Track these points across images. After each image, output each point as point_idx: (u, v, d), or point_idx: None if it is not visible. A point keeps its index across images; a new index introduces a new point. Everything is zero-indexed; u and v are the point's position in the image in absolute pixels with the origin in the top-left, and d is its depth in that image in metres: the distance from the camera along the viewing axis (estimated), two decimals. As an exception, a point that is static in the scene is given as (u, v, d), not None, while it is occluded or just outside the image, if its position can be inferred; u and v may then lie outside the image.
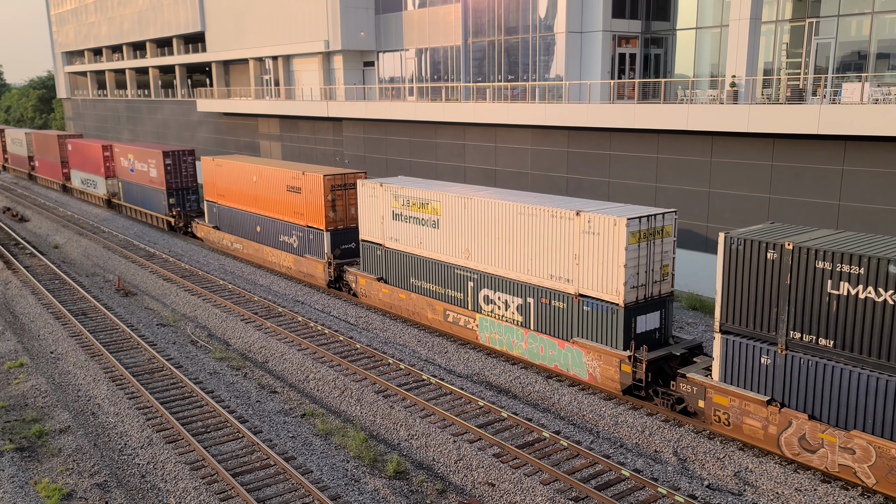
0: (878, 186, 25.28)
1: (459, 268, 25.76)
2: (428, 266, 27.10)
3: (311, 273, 34.01)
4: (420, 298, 27.74)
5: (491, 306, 24.85)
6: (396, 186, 27.92)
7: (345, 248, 33.04)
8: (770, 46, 32.89)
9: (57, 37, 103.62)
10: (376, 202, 29.03)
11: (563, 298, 22.29)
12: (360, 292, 31.05)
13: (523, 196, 24.70)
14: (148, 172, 48.12)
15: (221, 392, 23.62)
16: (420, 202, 26.80)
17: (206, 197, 42.17)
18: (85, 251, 44.39)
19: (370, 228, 29.69)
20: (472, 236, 25.07)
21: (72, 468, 18.98)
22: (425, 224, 26.76)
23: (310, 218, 33.24)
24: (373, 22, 51.23)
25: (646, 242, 20.73)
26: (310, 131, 55.96)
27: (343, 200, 32.59)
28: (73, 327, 29.68)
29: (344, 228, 32.95)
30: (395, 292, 28.93)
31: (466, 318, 25.91)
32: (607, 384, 21.49)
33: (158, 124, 79.78)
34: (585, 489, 16.72)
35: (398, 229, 28.15)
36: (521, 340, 24.01)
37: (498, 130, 39.29)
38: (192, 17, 68.69)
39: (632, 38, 38.48)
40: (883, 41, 29.15)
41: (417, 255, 27.43)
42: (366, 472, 18.50)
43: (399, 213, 27.89)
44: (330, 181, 32.09)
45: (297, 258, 34.75)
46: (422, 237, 27.03)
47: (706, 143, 29.94)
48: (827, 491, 16.63)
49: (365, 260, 30.46)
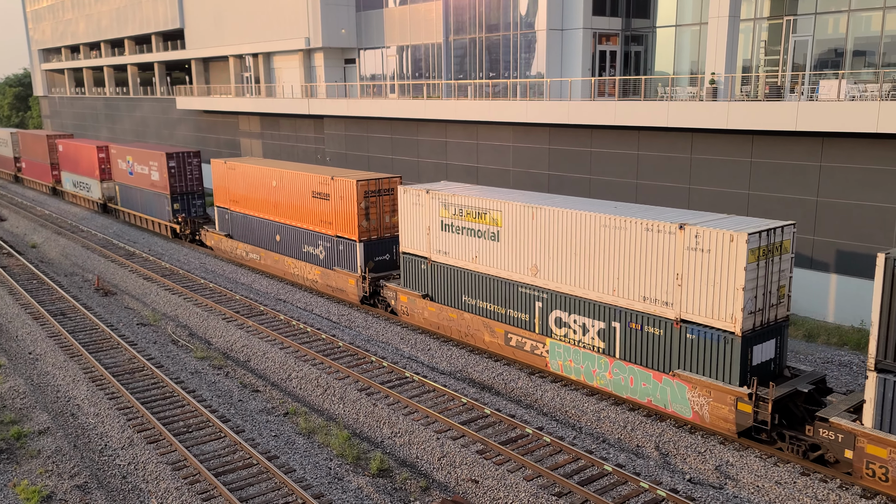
0: (855, 182, 25.59)
1: (525, 286, 22.94)
2: (485, 283, 24.24)
3: (340, 287, 31.06)
4: (475, 319, 24.83)
5: (564, 330, 21.98)
6: (447, 194, 25.04)
7: (379, 261, 30.01)
8: (749, 44, 33.17)
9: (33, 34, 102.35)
10: (421, 211, 26.18)
11: (660, 324, 19.42)
12: (400, 310, 28.08)
13: (603, 206, 21.99)
14: (149, 175, 45.30)
15: (203, 391, 23.49)
16: (476, 212, 23.92)
17: (216, 203, 39.43)
18: (63, 250, 43.93)
19: (413, 240, 26.85)
20: (541, 251, 22.21)
21: (51, 470, 18.80)
22: (482, 236, 23.92)
23: (340, 227, 30.40)
24: (354, 19, 51.07)
25: (765, 261, 18.01)
26: (291, 129, 55.71)
27: (377, 208, 29.72)
28: (51, 327, 29.38)
29: (378, 239, 30.01)
30: (443, 311, 26.06)
31: (534, 342, 22.99)
32: (718, 425, 18.52)
33: (137, 122, 79.06)
34: (568, 484, 16.81)
35: (448, 241, 25.33)
36: (605, 370, 21.01)
37: (480, 128, 39.32)
38: (171, 13, 68.10)
39: (612, 36, 38.64)
40: (859, 39, 29.50)
41: (472, 271, 24.59)
42: (349, 471, 18.48)
43: (449, 223, 25.07)
44: (363, 187, 29.24)
45: (324, 271, 31.86)
46: (477, 251, 24.25)
47: (686, 139, 30.16)
48: (806, 483, 16.83)
49: (406, 274, 27.55)
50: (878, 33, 28.79)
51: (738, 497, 16.80)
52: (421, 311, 27.04)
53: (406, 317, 27.93)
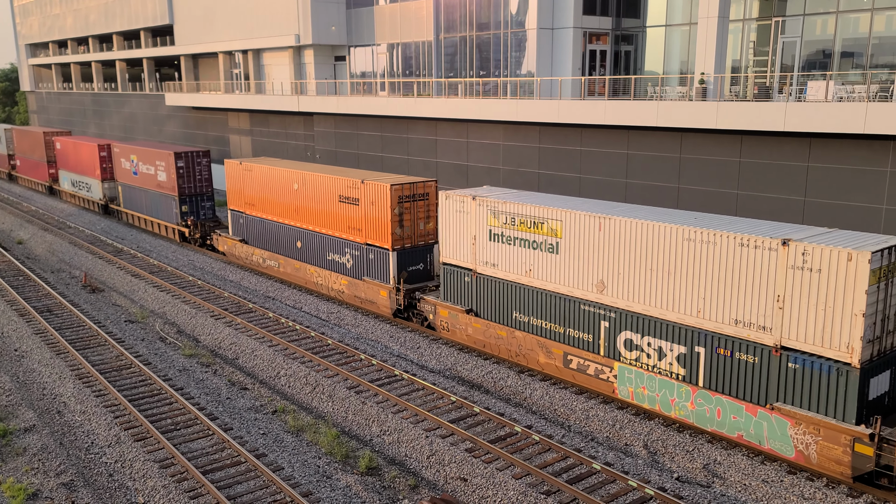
0: (842, 183, 25.75)
1: (589, 303, 20.99)
2: (540, 299, 22.34)
3: (371, 299, 29.04)
4: (528, 338, 22.93)
5: (636, 353, 20.03)
6: (496, 201, 23.12)
7: (412, 271, 28.14)
8: (738, 44, 33.31)
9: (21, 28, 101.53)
10: (466, 219, 24.31)
11: (755, 351, 17.53)
12: (439, 325, 26.14)
13: (682, 216, 19.99)
14: (155, 176, 43.12)
15: (191, 389, 23.39)
16: (532, 221, 22.04)
17: (230, 206, 37.33)
18: (50, 247, 43.62)
19: (455, 250, 24.94)
20: (609, 265, 20.28)
21: (37, 468, 18.67)
22: (538, 248, 22.04)
23: (370, 234, 28.48)
24: (344, 16, 50.92)
25: (885, 282, 16.05)
26: (280, 126, 55.52)
27: (411, 214, 27.78)
28: (37, 324, 29.16)
29: (412, 247, 28.09)
30: (490, 328, 24.12)
31: (599, 365, 21.02)
32: (828, 467, 16.61)
33: (126, 118, 78.60)
34: (557, 483, 16.84)
35: (497, 252, 23.40)
36: (685, 400, 19.03)
37: (470, 126, 39.32)
38: (160, 9, 67.71)
39: (602, 35, 38.71)
40: (847, 40, 29.68)
41: (525, 286, 22.71)
42: (338, 469, 18.45)
43: (499, 232, 23.18)
44: (397, 191, 27.32)
45: (351, 281, 29.85)
46: (532, 263, 22.34)
47: (675, 139, 30.26)
48: (793, 482, 16.93)
49: (447, 287, 25.67)
50: (865, 35, 28.98)
51: (725, 495, 16.88)
52: (464, 327, 25.05)
53: (446, 333, 26.00)
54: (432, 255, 28.64)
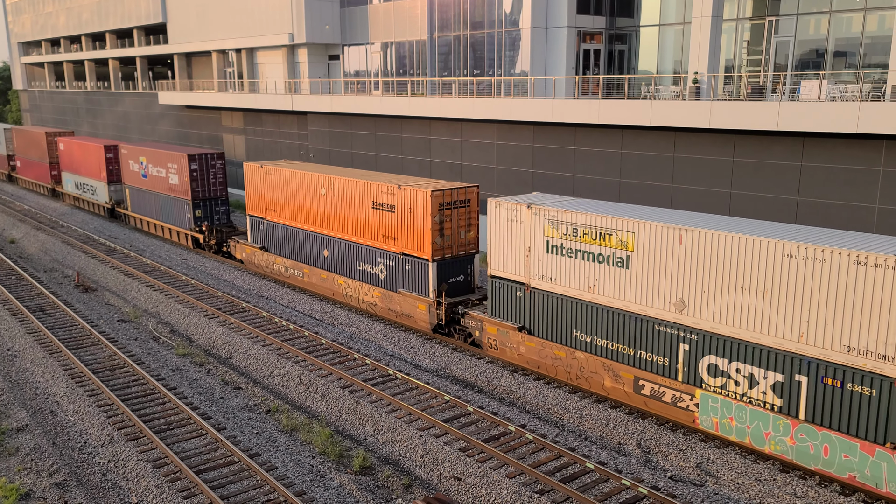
0: (835, 182, 25.84)
1: (665, 323, 19.21)
2: (607, 317, 20.59)
3: (407, 313, 27.21)
4: (591, 359, 21.13)
5: (721, 380, 18.30)
6: (556, 210, 21.34)
7: (452, 283, 26.38)
8: (731, 44, 33.38)
9: (13, 27, 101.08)
10: (519, 229, 22.54)
11: (873, 382, 15.79)
12: (486, 343, 24.40)
13: (776, 229, 18.26)
14: (167, 179, 41.17)
15: (184, 388, 23.34)
16: (598, 232, 20.29)
17: (249, 211, 35.36)
18: (43, 246, 43.46)
19: (506, 262, 23.18)
20: (690, 282, 18.53)
21: (30, 467, 18.60)
22: (604, 261, 20.30)
23: (407, 243, 26.78)
24: (338, 15, 50.85)
25: None
26: (274, 125, 55.42)
27: (452, 222, 26.10)
28: (30, 324, 29.05)
29: (452, 257, 26.33)
30: (546, 348, 22.33)
31: (676, 392, 19.19)
32: None
33: (119, 117, 78.34)
34: (551, 482, 16.86)
35: (555, 265, 21.62)
36: (784, 434, 17.30)
37: (464, 125, 39.31)
38: (153, 8, 67.49)
39: (596, 34, 38.74)
40: (840, 40, 29.76)
41: (588, 302, 20.95)
42: (332, 468, 18.43)
43: (558, 244, 21.39)
44: (438, 198, 25.65)
45: (385, 293, 28.04)
46: (596, 278, 20.61)
47: (669, 138, 30.32)
48: (786, 480, 16.99)
49: (496, 302, 23.90)
50: (858, 34, 29.07)
51: (718, 494, 16.92)
52: (515, 345, 23.32)
53: (494, 351, 24.25)
54: (473, 265, 27.10)
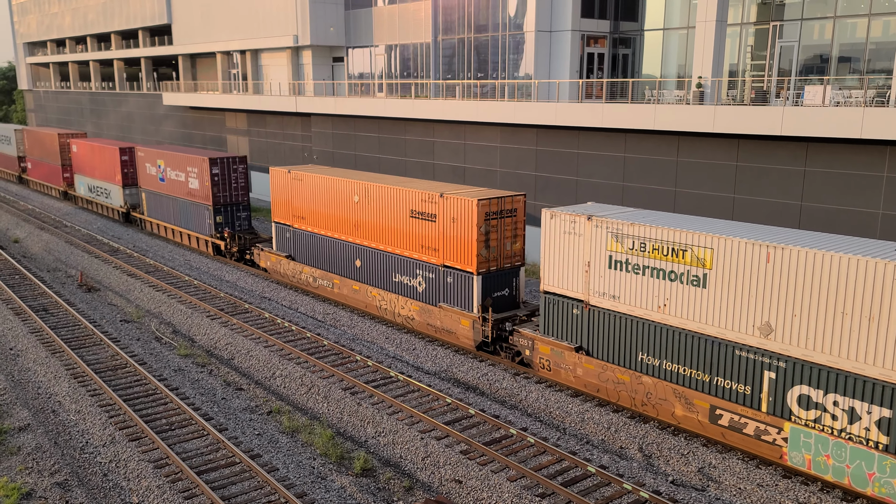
0: (838, 188, 25.81)
1: (747, 349, 17.74)
2: (678, 340, 19.12)
3: (448, 329, 25.78)
4: (660, 385, 19.64)
5: (815, 413, 16.83)
6: (620, 222, 19.93)
7: (497, 297, 25.08)
8: (735, 48, 33.37)
9: (18, 27, 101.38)
10: (577, 242, 21.09)
11: None
12: (537, 363, 22.97)
13: (878, 247, 16.85)
14: (186, 183, 39.91)
15: (186, 389, 23.35)
16: (669, 247, 18.87)
17: (274, 218, 34.00)
18: (46, 246, 43.55)
19: (561, 277, 21.70)
20: (779, 304, 17.07)
21: (31, 467, 18.62)
22: (677, 279, 18.85)
23: (449, 255, 25.36)
24: (342, 17, 50.94)
25: None
26: (278, 126, 55.49)
27: (498, 233, 24.70)
28: (33, 323, 29.10)
29: (497, 270, 24.96)
30: (607, 371, 20.89)
31: (761, 425, 17.74)
32: None
33: (123, 117, 78.51)
34: (552, 485, 16.84)
35: (618, 282, 20.21)
36: (890, 475, 15.88)
37: (467, 128, 39.34)
38: (158, 9, 67.67)
39: (600, 38, 38.76)
40: (844, 45, 29.74)
41: (657, 323, 19.49)
42: (332, 470, 18.43)
43: (623, 259, 19.97)
44: (484, 207, 24.19)
45: (423, 307, 26.63)
46: (667, 297, 19.17)
47: (672, 142, 30.30)
48: (788, 486, 16.95)
49: (549, 319, 22.40)
50: (863, 40, 29.05)
51: (720, 499, 16.89)
52: (571, 367, 21.87)
53: (546, 372, 22.80)
54: (518, 279, 25.75)
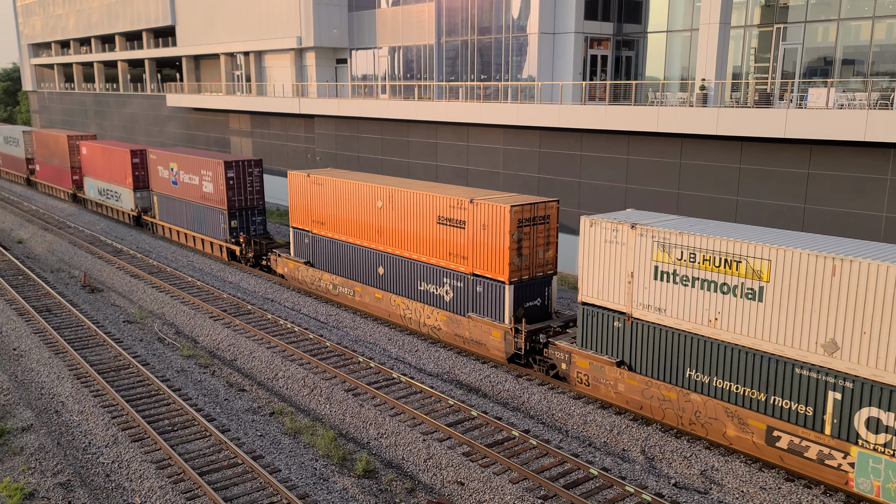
0: (842, 190, 25.76)
1: (810, 367, 16.81)
2: (731, 356, 18.15)
3: (478, 340, 24.85)
4: (710, 403, 18.64)
5: (886, 437, 15.87)
6: (667, 231, 19.03)
7: (529, 307, 24.21)
8: (739, 51, 33.34)
9: (23, 28, 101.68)
10: (619, 252, 20.23)
11: None
12: (574, 377, 21.99)
13: None
14: (200, 187, 39.10)
15: (189, 390, 23.37)
16: (721, 258, 17.95)
17: (292, 223, 33.11)
18: (50, 246, 43.63)
19: (602, 288, 20.84)
20: (845, 320, 16.14)
21: (34, 467, 18.65)
22: (729, 292, 17.94)
23: (479, 263, 24.54)
24: (346, 19, 51.00)
25: None
26: (281, 128, 55.56)
27: (531, 240, 23.88)
28: (36, 324, 29.15)
29: (529, 279, 24.07)
30: (652, 387, 19.93)
31: (824, 448, 16.76)
32: None
33: (127, 118, 78.68)
34: (554, 488, 16.83)
35: (665, 294, 19.31)
36: None
37: (470, 130, 39.34)
38: (162, 10, 67.82)
39: (604, 40, 38.76)
40: (848, 47, 29.71)
41: (707, 338, 18.54)
42: (335, 471, 18.43)
43: (670, 270, 19.06)
44: (517, 214, 23.36)
45: (451, 317, 25.75)
46: (719, 310, 18.26)
47: (676, 145, 30.28)
48: (791, 489, 16.91)
49: (587, 332, 21.49)
50: (867, 42, 29.01)
51: (722, 502, 16.86)
52: (612, 382, 20.93)
53: (584, 387, 21.85)
54: (551, 288, 24.92)
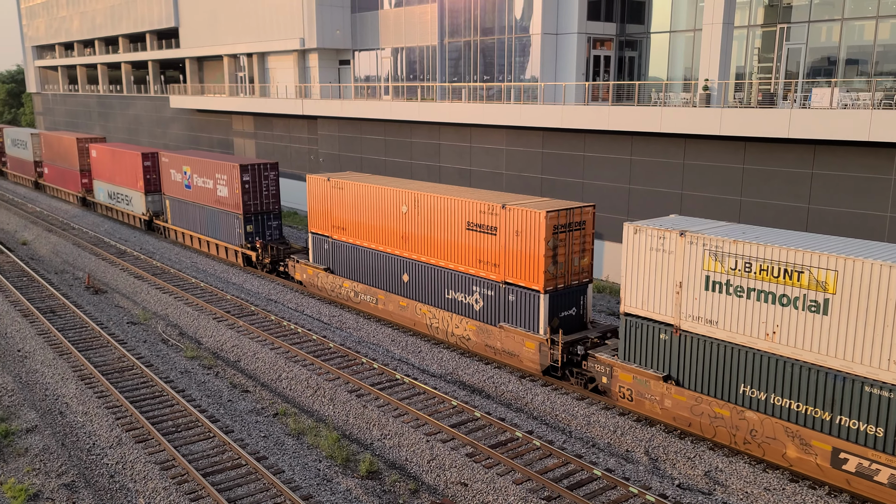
0: (846, 190, 25.71)
1: (881, 385, 15.82)
2: (791, 372, 17.18)
3: (510, 351, 23.98)
4: (768, 422, 17.78)
5: None
6: (719, 239, 18.09)
7: (564, 317, 23.29)
8: (742, 51, 33.30)
9: (27, 30, 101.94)
10: (667, 260, 19.30)
11: None
12: (616, 391, 20.99)
13: None
14: (214, 190, 38.28)
15: (193, 391, 23.40)
16: (781, 268, 17.00)
17: (311, 229, 32.18)
18: (54, 248, 43.72)
19: (646, 298, 19.89)
20: None
21: (39, 468, 18.68)
22: (790, 304, 17.00)
23: (511, 271, 23.58)
24: (349, 20, 51.04)
25: None
26: (284, 129, 55.63)
27: (566, 247, 22.94)
28: (41, 325, 29.21)
29: (564, 288, 23.14)
30: (702, 404, 18.99)
31: None
32: None
33: (130, 120, 78.83)
34: (558, 489, 16.81)
35: (717, 306, 18.37)
36: None
37: (473, 130, 39.35)
38: (165, 12, 67.95)
39: (606, 41, 38.73)
40: (852, 47, 29.65)
41: (764, 353, 17.61)
42: (338, 472, 18.44)
43: (723, 280, 18.13)
44: (553, 220, 22.41)
45: (481, 327, 24.89)
46: (777, 323, 17.32)
47: (679, 145, 30.24)
48: (795, 490, 16.88)
49: (631, 344, 20.55)
50: (870, 42, 28.95)
51: (727, 503, 16.83)
52: (658, 398, 19.93)
53: (627, 402, 20.83)
54: (586, 297, 24.00)
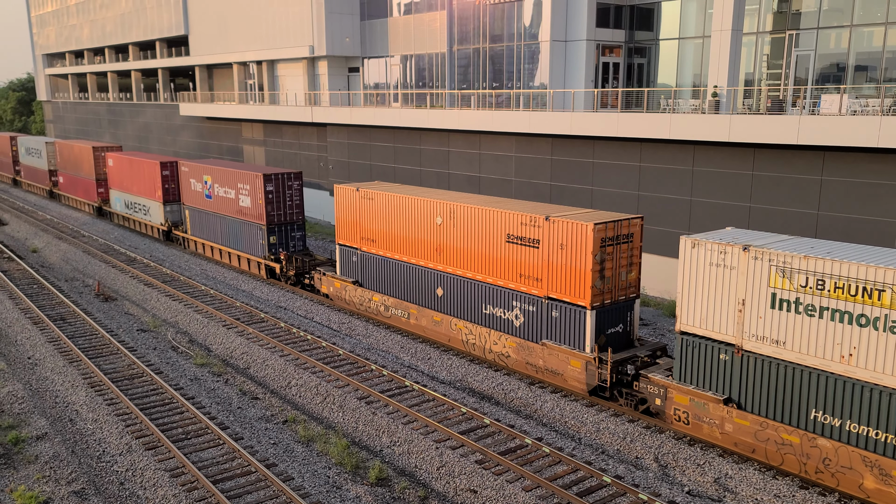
0: (856, 196, 25.63)
1: None
2: (869, 398, 16.29)
3: (553, 370, 22.87)
4: (844, 450, 16.70)
5: None
6: (787, 254, 17.16)
7: (610, 334, 22.18)
8: (751, 57, 33.28)
9: (37, 39, 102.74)
10: (728, 276, 18.33)
11: None
12: (671, 414, 19.95)
13: None
14: (236, 200, 37.53)
15: (202, 398, 23.46)
16: (858, 286, 16.09)
17: (339, 240, 31.23)
18: (64, 255, 43.96)
19: (705, 316, 18.96)
20: None
21: (49, 475, 18.76)
22: (869, 324, 16.03)
23: (555, 286, 22.52)
24: (358, 28, 51.25)
25: None
26: (294, 136, 55.83)
27: (613, 261, 21.76)
28: (51, 332, 29.36)
29: (611, 304, 22.01)
30: (768, 429, 18.04)
31: None
32: None
33: (140, 128, 79.29)
34: (567, 495, 16.77)
35: (784, 325, 17.45)
36: None
37: (482, 137, 39.41)
38: (175, 20, 68.38)
39: (615, 48, 38.77)
40: (861, 54, 29.59)
41: (839, 376, 16.65)
42: (347, 479, 18.44)
43: (791, 298, 17.24)
44: (600, 232, 21.24)
45: (522, 344, 23.80)
46: (854, 345, 16.37)
47: (688, 152, 30.22)
48: (805, 497, 16.79)
49: (687, 365, 19.52)
50: (879, 48, 28.89)
51: (737, 510, 16.75)
52: (718, 421, 18.92)
53: (683, 425, 19.80)
54: (633, 313, 22.89)
